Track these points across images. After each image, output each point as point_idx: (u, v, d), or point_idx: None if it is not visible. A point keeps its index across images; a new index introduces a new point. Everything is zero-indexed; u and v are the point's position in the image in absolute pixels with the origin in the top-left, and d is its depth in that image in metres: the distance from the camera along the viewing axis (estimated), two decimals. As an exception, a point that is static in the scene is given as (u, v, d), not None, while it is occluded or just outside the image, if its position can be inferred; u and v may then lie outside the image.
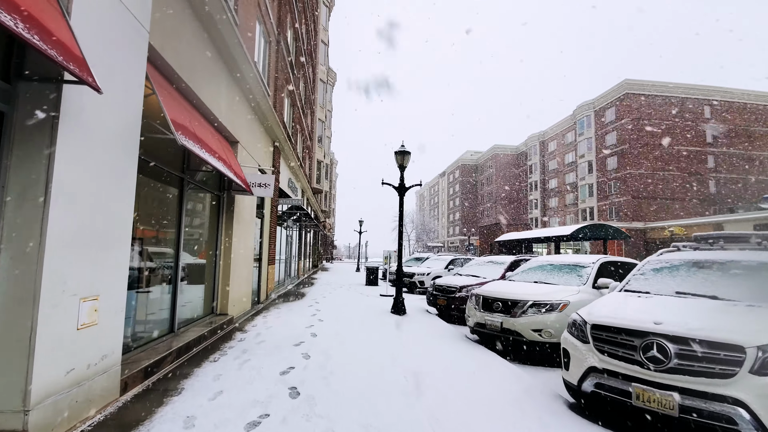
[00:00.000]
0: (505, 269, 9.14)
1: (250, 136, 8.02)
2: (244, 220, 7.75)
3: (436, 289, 9.08)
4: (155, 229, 4.92)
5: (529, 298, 5.62)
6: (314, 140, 24.37)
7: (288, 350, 5.17)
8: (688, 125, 41.11)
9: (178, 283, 5.16)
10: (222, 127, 6.39)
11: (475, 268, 9.92)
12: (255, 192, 7.02)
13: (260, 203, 9.73)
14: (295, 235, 18.34)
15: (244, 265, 7.77)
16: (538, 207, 59.72)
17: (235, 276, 7.18)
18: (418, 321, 7.96)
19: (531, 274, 6.89)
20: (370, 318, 7.91)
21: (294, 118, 15.15)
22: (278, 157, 11.38)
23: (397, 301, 8.69)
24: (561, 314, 5.35)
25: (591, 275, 6.21)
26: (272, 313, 8.08)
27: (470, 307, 6.48)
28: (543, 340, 5.31)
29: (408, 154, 9.10)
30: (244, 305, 7.88)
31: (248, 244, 8.14)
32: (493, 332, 5.80)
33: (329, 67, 33.71)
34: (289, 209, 14.80)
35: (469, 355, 5.36)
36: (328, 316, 7.88)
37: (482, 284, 8.37)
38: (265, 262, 10.13)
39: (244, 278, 7.88)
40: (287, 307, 9.00)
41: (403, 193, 9.21)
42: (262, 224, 9.86)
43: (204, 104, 5.46)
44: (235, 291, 7.17)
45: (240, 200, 7.42)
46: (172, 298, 5.11)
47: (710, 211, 39.58)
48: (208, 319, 6.26)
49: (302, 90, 17.78)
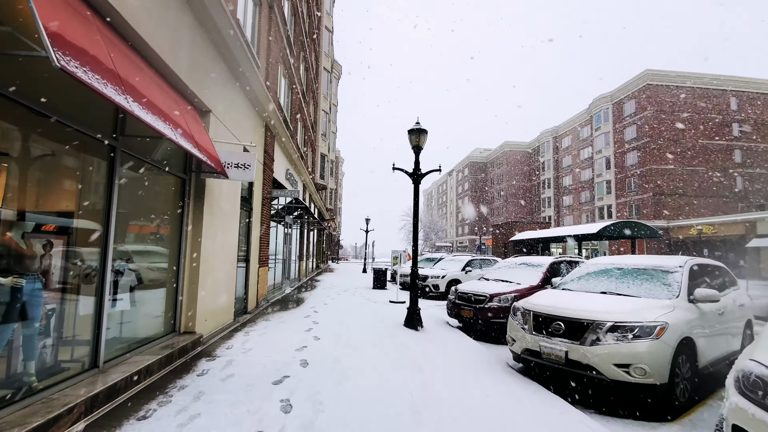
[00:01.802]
0: (545, 273, 7.45)
1: (229, 107, 6.46)
2: (222, 211, 6.19)
3: (460, 298, 7.42)
4: (65, 216, 3.38)
5: (605, 317, 3.95)
6: (317, 132, 22.84)
7: (263, 393, 3.58)
8: (714, 117, 38.77)
9: (105, 293, 3.60)
10: (184, 88, 4.83)
11: (506, 271, 8.25)
12: (231, 175, 5.46)
13: (247, 194, 8.18)
14: (295, 234, 16.80)
15: (221, 267, 6.22)
16: (551, 205, 57.52)
17: (208, 282, 5.63)
18: (439, 339, 6.33)
19: (592, 281, 5.21)
20: (379, 335, 6.29)
21: (293, 103, 13.60)
22: (272, 142, 9.83)
23: (413, 313, 7.06)
24: (657, 342, 3.68)
25: (682, 283, 4.52)
26: (258, 328, 6.50)
27: (514, 326, 4.83)
28: (634, 380, 3.64)
29: (424, 134, 7.47)
30: (221, 318, 6.33)
31: (228, 242, 6.58)
32: (553, 364, 4.14)
33: (334, 59, 32.22)
34: (288, 204, 13.26)
35: (524, 402, 3.70)
36: (327, 332, 6.28)
37: (520, 293, 6.71)
38: (255, 264, 8.57)
39: (222, 284, 6.33)
40: (279, 319, 7.43)
41: (419, 180, 7.58)
42: (250, 219, 8.30)
43: (151, 49, 3.90)
44: (207, 301, 5.61)
45: (215, 187, 5.86)
46: (95, 315, 3.55)
47: (737, 208, 37.25)
48: (165, 342, 4.71)
49: (303, 75, 16.25)
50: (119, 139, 3.78)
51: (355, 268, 33.00)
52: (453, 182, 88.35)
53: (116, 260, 4.04)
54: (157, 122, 3.37)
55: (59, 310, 3.31)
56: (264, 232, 9.25)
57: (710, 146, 38.38)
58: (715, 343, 4.52)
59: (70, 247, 3.42)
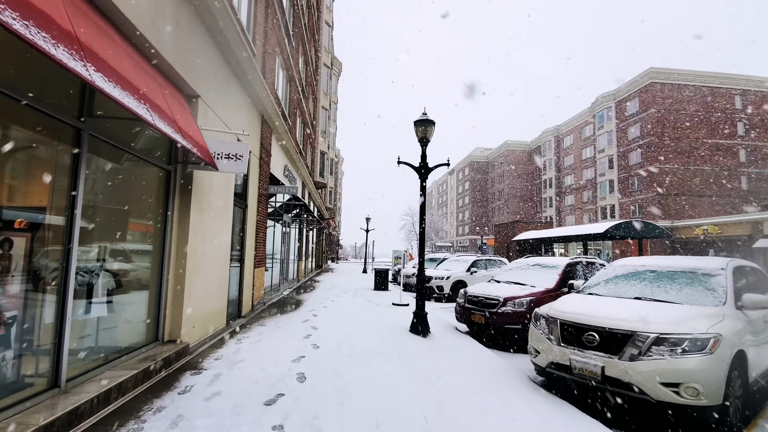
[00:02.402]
0: (561, 275, 6.93)
1: (221, 95, 5.95)
2: (212, 207, 5.68)
3: (470, 301, 6.90)
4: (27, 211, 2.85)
5: (648, 328, 3.43)
6: (317, 129, 22.30)
7: (252, 417, 3.06)
8: (719, 116, 38.29)
9: (68, 299, 3.07)
10: (168, 69, 4.32)
11: (518, 273, 7.73)
12: (221, 166, 4.94)
13: (242, 190, 7.66)
14: (294, 233, 16.28)
15: (212, 268, 5.70)
16: (552, 205, 57.02)
17: (197, 284, 5.11)
18: (449, 347, 5.82)
19: (623, 285, 4.69)
20: (383, 342, 5.78)
21: (292, 96, 13.08)
22: (268, 136, 9.31)
23: (419, 318, 6.55)
24: (712, 357, 3.17)
25: (728, 288, 4.01)
26: (252, 334, 5.99)
27: (537, 336, 4.31)
28: (684, 401, 3.13)
29: (431, 125, 6.96)
30: (212, 323, 5.81)
31: (220, 241, 6.07)
32: (586, 381, 3.62)
33: (334, 56, 31.70)
34: (287, 202, 12.73)
35: (558, 428, 3.19)
36: (327, 340, 5.77)
37: (536, 297, 6.21)
38: (250, 265, 8.06)
39: (214, 286, 5.81)
40: (275, 324, 6.92)
41: (426, 174, 7.06)
42: (245, 216, 7.78)
43: (126, 19, 3.39)
44: (195, 305, 5.09)
45: (204, 180, 5.35)
46: (56, 326, 3.03)
47: (742, 209, 36.76)
48: (145, 353, 4.19)
49: (302, 68, 15.73)
50: (86, 121, 3.26)
51: (355, 268, 32.48)
52: (453, 182, 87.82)
53: (90, 261, 3.53)
54: (129, 99, 2.85)
55: (21, 319, 2.80)
56: (260, 230, 8.74)
57: (715, 145, 37.90)
58: (763, 355, 4.02)
59: (33, 245, 2.90)
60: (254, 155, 8.13)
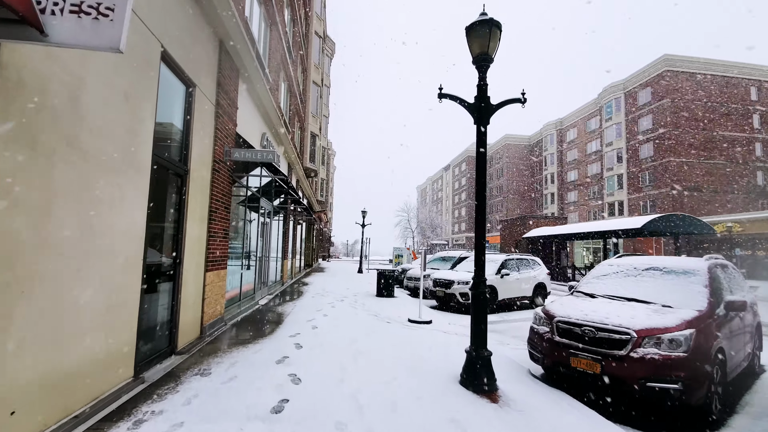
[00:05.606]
0: (708, 287, 4.12)
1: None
2: (81, 151, 2.74)
3: (565, 333, 4.03)
4: None
5: None
6: (307, 106, 19.28)
7: None
8: (738, 108, 36.20)
9: None
10: None
11: (619, 282, 4.84)
12: (56, 30, 2.00)
13: (180, 146, 4.70)
14: (277, 226, 13.28)
15: (79, 280, 2.76)
16: (554, 201, 54.70)
17: (27, 316, 2.19)
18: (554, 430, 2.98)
19: None
20: (427, 419, 2.91)
21: (273, 45, 10.06)
22: (233, 77, 6.37)
23: (481, 361, 3.71)
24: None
25: None
26: (171, 406, 3.07)
27: None
28: None
29: (496, 29, 4.09)
30: (89, 387, 2.87)
31: (113, 225, 3.13)
32: None
33: (327, 35, 28.67)
34: (268, 186, 9.75)
35: None
36: (317, 418, 2.88)
37: (692, 328, 3.38)
38: (195, 267, 5.12)
39: (90, 312, 2.87)
40: (227, 372, 4.00)
41: (487, 117, 4.20)
42: (184, 189, 4.81)
43: None
44: (22, 361, 2.17)
45: (45, 80, 2.41)
46: None
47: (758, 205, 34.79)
48: None
49: (288, 18, 12.73)
50: None
51: (349, 267, 29.52)
52: (449, 177, 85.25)
53: None
54: None
55: None
56: (216, 213, 5.78)
57: (732, 138, 35.81)
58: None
59: None
60: (204, 95, 5.19)
